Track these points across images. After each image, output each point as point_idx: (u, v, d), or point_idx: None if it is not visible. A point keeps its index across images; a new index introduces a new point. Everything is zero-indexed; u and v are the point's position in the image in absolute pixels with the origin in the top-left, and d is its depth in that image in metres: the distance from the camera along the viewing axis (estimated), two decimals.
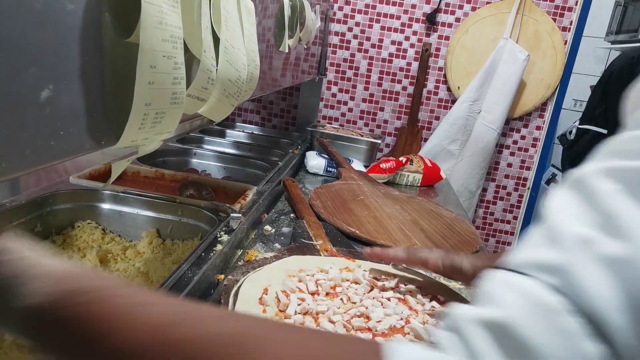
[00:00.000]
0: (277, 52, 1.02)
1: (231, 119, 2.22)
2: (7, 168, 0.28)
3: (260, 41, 0.66)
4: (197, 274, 0.74)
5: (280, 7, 0.94)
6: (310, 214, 1.13)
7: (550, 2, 2.01)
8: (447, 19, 2.07)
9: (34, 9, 0.28)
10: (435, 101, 2.17)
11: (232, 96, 0.54)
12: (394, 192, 1.48)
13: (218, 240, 0.87)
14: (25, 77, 0.29)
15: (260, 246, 0.99)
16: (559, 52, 2.02)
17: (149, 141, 0.41)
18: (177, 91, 0.40)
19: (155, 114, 0.39)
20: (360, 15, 2.10)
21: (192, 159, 1.50)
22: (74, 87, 0.33)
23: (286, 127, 2.29)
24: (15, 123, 0.28)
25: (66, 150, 0.33)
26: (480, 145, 2.07)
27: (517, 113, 2.12)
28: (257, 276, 0.80)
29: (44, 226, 0.90)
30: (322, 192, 1.34)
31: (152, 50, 0.36)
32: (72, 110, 0.33)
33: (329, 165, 1.64)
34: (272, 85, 1.07)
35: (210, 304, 0.73)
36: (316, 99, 2.16)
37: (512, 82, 1.99)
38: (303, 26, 1.19)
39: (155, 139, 0.42)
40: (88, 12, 0.33)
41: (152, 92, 0.37)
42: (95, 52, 0.35)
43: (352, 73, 2.17)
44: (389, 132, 2.23)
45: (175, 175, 1.21)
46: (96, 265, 0.86)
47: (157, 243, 0.95)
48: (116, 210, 0.98)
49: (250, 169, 1.48)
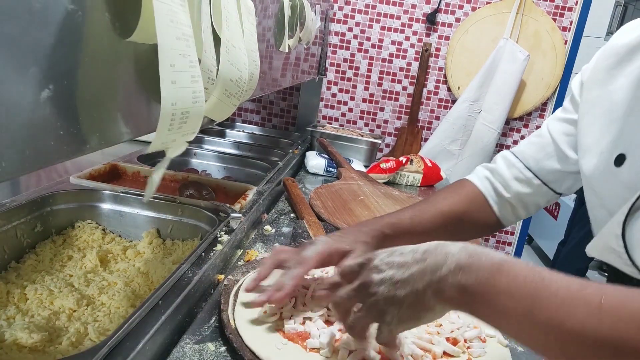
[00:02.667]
0: (277, 52, 1.02)
1: (231, 119, 2.22)
2: (7, 168, 0.28)
3: (260, 41, 0.66)
4: (197, 274, 0.74)
5: (280, 7, 0.94)
6: (310, 214, 1.13)
7: (550, 2, 2.01)
8: (447, 19, 2.07)
9: (34, 9, 0.28)
10: (435, 101, 2.17)
11: (234, 96, 0.54)
12: (394, 192, 1.48)
13: (218, 240, 0.87)
14: (25, 77, 0.29)
15: (260, 246, 0.99)
16: (559, 52, 2.02)
17: (176, 143, 0.41)
18: (197, 90, 0.40)
19: (182, 113, 0.39)
20: (360, 15, 2.10)
21: (192, 159, 1.50)
22: (74, 87, 0.33)
23: (286, 127, 2.29)
24: (16, 123, 0.28)
25: (66, 150, 0.33)
26: (480, 145, 2.07)
27: (517, 113, 2.12)
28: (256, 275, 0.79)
29: (44, 226, 0.90)
30: (322, 192, 1.34)
31: (170, 48, 0.35)
32: (72, 110, 0.33)
33: (329, 165, 1.64)
34: (272, 85, 1.07)
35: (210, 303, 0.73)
36: (316, 99, 2.16)
37: (512, 82, 1.99)
38: (303, 26, 1.19)
39: (182, 140, 0.42)
40: (88, 12, 0.33)
41: (176, 92, 0.37)
42: (96, 52, 0.35)
43: (352, 73, 2.17)
44: (389, 132, 2.23)
45: (175, 175, 1.21)
46: (96, 265, 0.86)
47: (157, 243, 0.95)
48: (116, 210, 0.98)
49: (250, 169, 1.48)
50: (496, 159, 0.89)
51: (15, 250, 0.83)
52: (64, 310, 0.72)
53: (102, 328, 0.70)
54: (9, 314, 0.69)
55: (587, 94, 0.75)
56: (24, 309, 0.71)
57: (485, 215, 0.86)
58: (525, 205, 0.85)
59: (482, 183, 0.86)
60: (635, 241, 0.62)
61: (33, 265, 0.83)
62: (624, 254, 0.64)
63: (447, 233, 0.82)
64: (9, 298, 0.73)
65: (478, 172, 0.90)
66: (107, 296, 0.76)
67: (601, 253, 0.69)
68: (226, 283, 0.77)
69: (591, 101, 0.74)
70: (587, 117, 0.74)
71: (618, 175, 0.66)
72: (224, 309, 0.69)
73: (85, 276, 0.81)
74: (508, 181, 0.84)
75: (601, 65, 0.74)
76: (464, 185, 0.89)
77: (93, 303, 0.75)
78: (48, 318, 0.70)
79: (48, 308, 0.72)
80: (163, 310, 0.63)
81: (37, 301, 0.73)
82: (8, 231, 0.82)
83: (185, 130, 0.41)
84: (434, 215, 0.81)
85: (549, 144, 0.81)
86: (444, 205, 0.83)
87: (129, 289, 0.79)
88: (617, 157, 0.67)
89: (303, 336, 0.64)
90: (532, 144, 0.84)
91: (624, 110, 0.68)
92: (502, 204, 0.85)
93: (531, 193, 0.83)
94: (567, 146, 0.79)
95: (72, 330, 0.67)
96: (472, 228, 0.87)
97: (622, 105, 0.69)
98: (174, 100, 0.37)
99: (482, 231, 0.90)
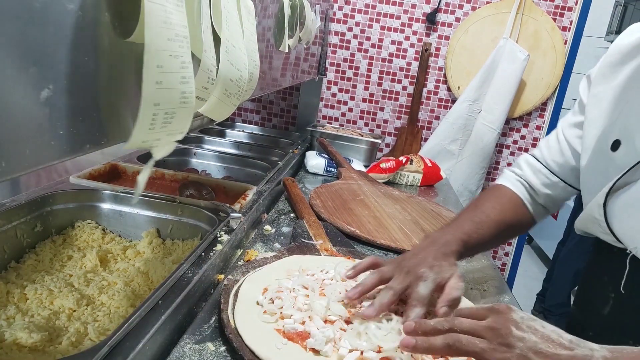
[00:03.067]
0: (277, 52, 1.02)
1: (231, 119, 2.22)
2: (7, 168, 0.28)
3: (260, 41, 0.66)
4: (197, 273, 0.74)
5: (280, 7, 0.94)
6: (310, 214, 1.13)
7: (550, 1, 2.01)
8: (447, 18, 2.07)
9: (34, 9, 0.28)
10: (435, 101, 2.17)
11: (234, 96, 0.54)
12: (394, 192, 1.48)
13: (218, 240, 0.87)
14: (25, 77, 0.29)
15: (260, 246, 0.99)
16: (559, 52, 2.02)
17: (161, 142, 0.41)
18: (187, 90, 0.40)
19: (165, 114, 0.39)
20: (360, 15, 2.10)
21: (192, 159, 1.50)
22: (74, 87, 0.33)
23: (286, 127, 2.29)
24: (16, 123, 0.28)
25: (66, 150, 0.33)
26: (480, 145, 2.07)
27: (517, 113, 2.12)
28: (256, 276, 0.80)
29: (44, 226, 0.90)
30: (322, 192, 1.34)
31: (158, 49, 0.35)
32: (72, 110, 0.33)
33: (329, 165, 1.64)
34: (272, 85, 1.07)
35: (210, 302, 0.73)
36: (316, 98, 2.16)
37: (512, 82, 1.99)
38: (303, 26, 1.19)
39: (168, 139, 0.42)
40: (88, 12, 0.33)
41: (160, 92, 0.37)
42: (95, 52, 0.35)
43: (352, 73, 2.17)
44: (389, 132, 2.23)
45: (175, 175, 1.21)
46: (96, 265, 0.86)
47: (157, 243, 0.95)
48: (116, 210, 0.98)
49: (250, 169, 1.48)
50: (520, 165, 0.92)
51: (15, 250, 0.83)
52: (64, 310, 0.72)
53: (102, 328, 0.70)
54: (9, 313, 0.69)
55: (593, 90, 0.80)
56: (24, 309, 0.71)
57: (525, 218, 0.90)
58: (554, 204, 0.91)
59: (518, 188, 0.90)
60: (615, 211, 0.70)
61: (33, 265, 0.83)
62: (604, 222, 0.71)
63: (497, 241, 0.88)
64: (9, 298, 0.73)
65: (510, 177, 0.92)
66: (107, 296, 0.76)
67: (585, 224, 0.76)
68: (226, 283, 0.77)
69: (596, 96, 0.79)
70: (593, 111, 0.78)
71: (614, 159, 0.71)
72: (224, 309, 0.69)
73: (85, 276, 0.81)
74: (537, 188, 0.88)
75: (606, 62, 0.78)
76: (503, 192, 0.91)
77: (93, 303, 0.75)
78: (48, 318, 0.70)
79: (48, 308, 0.72)
80: (163, 310, 0.63)
81: (37, 301, 0.73)
82: (8, 231, 0.82)
83: (170, 129, 0.40)
84: (491, 227, 0.83)
85: (566, 149, 0.85)
86: (495, 215, 0.85)
87: (128, 289, 0.79)
88: (614, 142, 0.72)
89: (303, 336, 0.64)
90: (552, 149, 0.88)
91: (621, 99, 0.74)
92: (535, 205, 0.90)
93: (558, 194, 0.88)
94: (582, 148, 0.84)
95: (72, 330, 0.67)
96: (515, 232, 0.93)
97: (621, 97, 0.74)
98: (157, 100, 0.37)
99: (521, 232, 0.98)
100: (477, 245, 0.82)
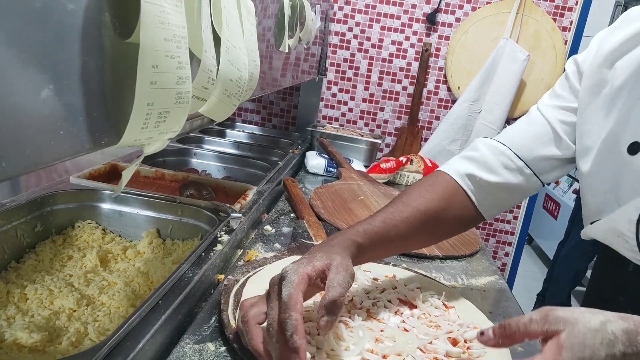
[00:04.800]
0: (277, 52, 1.02)
1: (231, 119, 2.22)
2: (7, 168, 0.28)
3: (260, 41, 0.66)
4: (197, 274, 0.74)
5: (280, 7, 0.94)
6: (310, 214, 1.13)
7: (550, 2, 2.01)
8: (447, 19, 2.07)
9: (34, 9, 0.28)
10: (436, 101, 2.17)
11: (234, 96, 0.54)
12: (394, 192, 1.48)
13: (218, 240, 0.87)
14: (25, 77, 0.29)
15: (260, 246, 0.99)
16: (559, 52, 2.02)
17: (153, 140, 0.41)
18: (182, 91, 0.40)
19: (159, 113, 0.39)
20: (360, 15, 2.10)
21: (192, 159, 1.50)
22: (74, 87, 0.33)
23: (286, 127, 2.29)
24: (16, 123, 0.28)
25: (66, 150, 0.33)
26: None
27: (517, 113, 2.12)
28: (257, 277, 0.80)
29: (44, 226, 0.90)
30: (322, 192, 1.34)
31: (153, 50, 0.35)
32: (72, 110, 0.33)
33: (329, 165, 1.64)
34: (272, 85, 1.07)
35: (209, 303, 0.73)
36: (316, 99, 2.16)
37: (512, 82, 1.99)
38: (303, 26, 1.19)
39: (160, 138, 0.42)
40: (88, 12, 0.33)
41: (154, 92, 0.37)
42: (95, 52, 0.35)
43: (352, 73, 2.17)
44: (389, 132, 2.23)
45: (175, 175, 1.21)
46: (96, 265, 0.86)
47: (157, 243, 0.95)
48: (116, 210, 0.99)
49: (250, 169, 1.48)
50: (477, 146, 0.81)
51: (15, 250, 0.83)
52: (64, 310, 0.72)
53: (102, 328, 0.70)
54: (9, 314, 0.69)
55: (588, 82, 0.74)
56: (24, 309, 0.71)
57: (465, 210, 0.79)
58: (510, 196, 0.80)
59: (460, 174, 0.79)
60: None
61: (33, 265, 0.83)
62: (633, 240, 0.63)
63: (425, 234, 0.77)
64: (9, 298, 0.73)
65: (455, 163, 0.81)
66: (107, 296, 0.76)
67: (605, 236, 0.68)
68: (226, 283, 0.77)
69: (591, 89, 0.73)
70: (590, 106, 0.73)
71: (633, 163, 0.65)
72: (224, 309, 0.69)
73: (85, 276, 0.81)
74: (495, 168, 0.78)
75: (602, 52, 0.73)
76: (438, 179, 0.80)
77: (93, 303, 0.75)
78: (48, 318, 0.70)
79: (48, 308, 0.72)
80: (163, 310, 0.63)
81: (37, 301, 0.73)
82: (8, 231, 0.82)
83: (163, 129, 0.41)
84: (409, 216, 0.73)
85: (546, 132, 0.77)
86: (419, 204, 0.74)
87: (129, 289, 0.79)
88: (631, 145, 0.65)
89: None
90: (525, 132, 0.79)
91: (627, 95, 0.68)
92: (483, 196, 0.79)
93: (519, 183, 0.78)
94: (564, 134, 0.77)
95: (72, 330, 0.67)
96: (450, 226, 0.81)
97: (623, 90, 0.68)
98: (151, 100, 0.37)
99: (462, 228, 0.83)
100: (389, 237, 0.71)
